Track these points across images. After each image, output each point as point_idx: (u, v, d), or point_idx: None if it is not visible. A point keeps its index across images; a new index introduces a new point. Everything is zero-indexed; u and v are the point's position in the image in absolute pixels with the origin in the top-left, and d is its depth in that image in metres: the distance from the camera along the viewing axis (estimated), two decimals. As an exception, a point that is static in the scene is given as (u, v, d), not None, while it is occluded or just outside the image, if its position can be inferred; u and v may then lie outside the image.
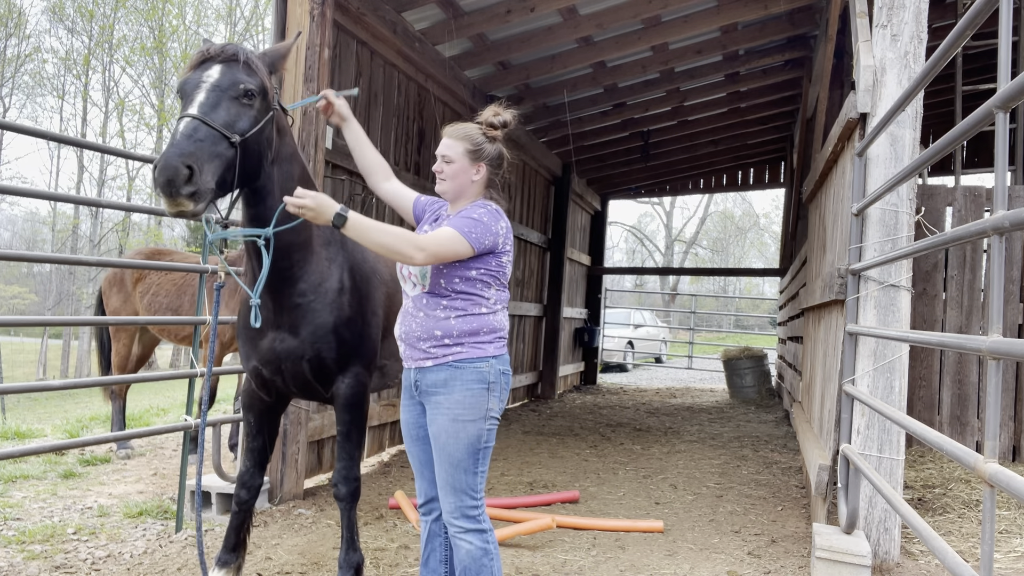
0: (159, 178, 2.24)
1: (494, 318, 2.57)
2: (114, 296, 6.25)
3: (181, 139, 2.33)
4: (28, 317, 3.82)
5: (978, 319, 5.35)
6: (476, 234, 2.45)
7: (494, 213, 2.54)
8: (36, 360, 24.36)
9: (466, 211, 2.51)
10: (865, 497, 3.51)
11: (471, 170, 2.60)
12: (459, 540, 2.52)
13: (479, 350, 2.51)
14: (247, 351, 3.02)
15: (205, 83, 2.49)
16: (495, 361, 2.53)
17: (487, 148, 2.63)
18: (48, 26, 30.26)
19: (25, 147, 41.75)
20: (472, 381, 2.48)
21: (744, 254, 40.63)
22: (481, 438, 2.50)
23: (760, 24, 7.64)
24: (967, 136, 2.11)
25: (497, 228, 2.51)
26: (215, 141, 2.40)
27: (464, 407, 2.48)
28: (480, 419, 2.49)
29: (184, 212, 2.31)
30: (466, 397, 2.48)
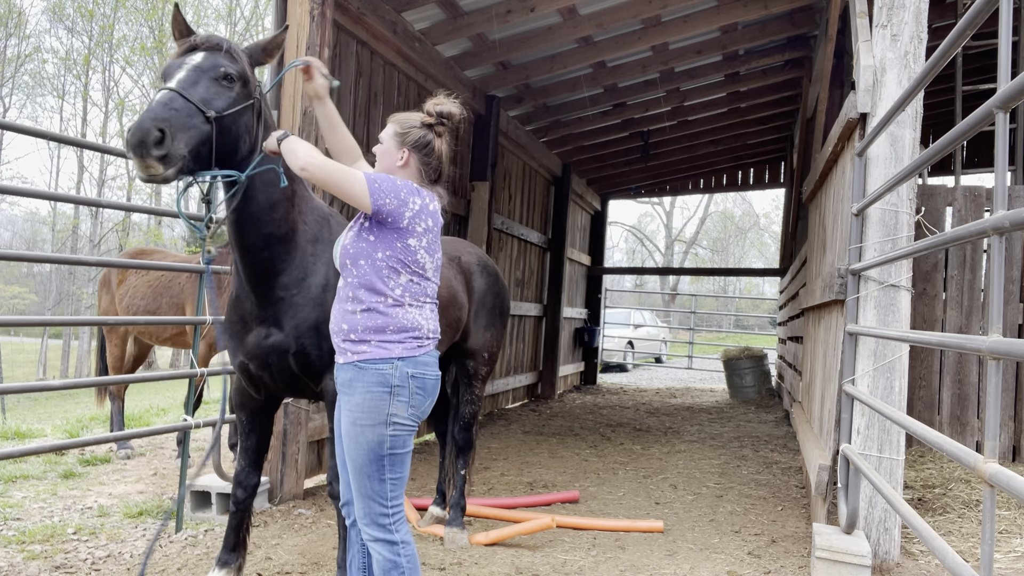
0: (131, 139, 2.30)
1: (404, 314, 2.41)
2: (104, 297, 6.27)
3: (156, 106, 2.40)
4: (28, 317, 3.82)
5: (978, 319, 5.35)
6: (379, 184, 2.34)
7: (411, 186, 2.43)
8: (36, 360, 24.37)
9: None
10: (865, 497, 3.51)
11: (396, 154, 2.51)
12: (371, 547, 2.42)
13: (383, 350, 2.36)
14: (234, 346, 3.02)
15: (187, 64, 2.58)
16: (402, 364, 2.37)
17: (415, 134, 2.51)
18: (48, 26, 30.24)
19: (25, 147, 41.76)
20: (373, 384, 2.35)
21: (744, 254, 40.62)
22: (383, 444, 2.35)
23: (760, 24, 7.64)
24: (967, 136, 2.11)
25: (405, 197, 2.38)
26: (190, 113, 2.46)
27: (363, 411, 2.36)
28: (380, 424, 2.35)
29: (155, 176, 2.36)
30: (365, 400, 2.35)
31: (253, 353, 2.94)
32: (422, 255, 2.44)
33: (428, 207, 2.45)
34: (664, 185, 14.03)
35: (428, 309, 2.50)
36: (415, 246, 2.42)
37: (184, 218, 3.02)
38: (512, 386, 9.80)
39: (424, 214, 2.44)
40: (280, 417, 4.71)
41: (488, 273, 4.24)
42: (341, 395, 2.43)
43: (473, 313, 4.09)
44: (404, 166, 2.50)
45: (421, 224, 2.43)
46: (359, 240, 2.42)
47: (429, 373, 2.45)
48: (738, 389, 11.37)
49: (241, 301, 2.93)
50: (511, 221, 9.23)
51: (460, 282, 3.96)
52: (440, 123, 2.53)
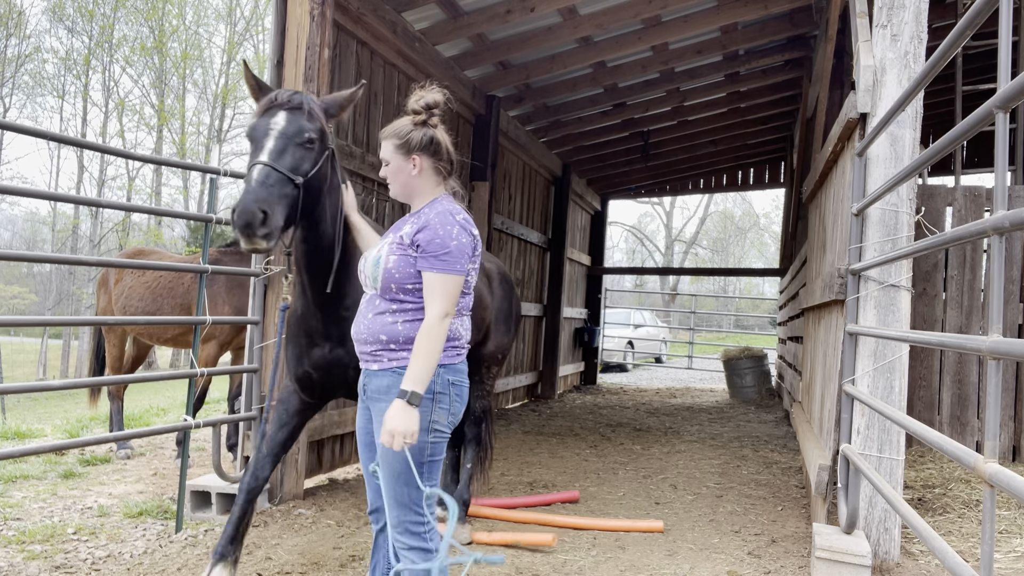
0: (238, 221, 2.52)
1: (453, 324, 2.41)
2: (102, 297, 6.26)
3: (256, 186, 2.59)
4: (28, 317, 3.82)
5: (978, 319, 5.35)
6: (460, 261, 2.32)
7: (461, 225, 2.36)
8: (36, 360, 24.37)
9: (437, 237, 2.32)
10: (865, 497, 3.51)
11: (407, 165, 2.43)
12: (403, 556, 2.39)
13: None
14: (298, 357, 3.21)
15: (273, 130, 2.72)
16: (443, 371, 2.36)
17: (415, 136, 2.42)
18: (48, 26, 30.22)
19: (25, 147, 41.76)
20: None
21: (744, 254, 40.63)
22: (424, 451, 2.34)
23: (760, 24, 7.64)
24: (967, 136, 2.11)
25: (468, 240, 2.36)
26: (283, 184, 2.66)
27: None
28: (423, 431, 2.31)
29: (258, 249, 2.62)
30: None
31: (318, 365, 3.15)
32: (472, 275, 2.46)
33: (474, 232, 2.43)
34: (664, 185, 14.04)
35: (467, 319, 2.51)
36: (469, 268, 2.42)
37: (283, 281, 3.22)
38: (512, 386, 9.80)
39: (478, 239, 2.44)
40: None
41: (506, 280, 4.58)
42: (376, 403, 2.39)
43: (494, 317, 4.36)
44: (420, 173, 2.44)
45: (479, 248, 2.46)
46: (406, 265, 2.36)
47: (464, 381, 2.47)
48: (738, 389, 11.37)
49: (307, 318, 3.13)
50: (511, 221, 9.23)
51: (484, 285, 4.24)
52: (431, 115, 2.45)
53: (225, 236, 18.55)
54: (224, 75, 27.39)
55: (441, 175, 2.48)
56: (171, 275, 5.85)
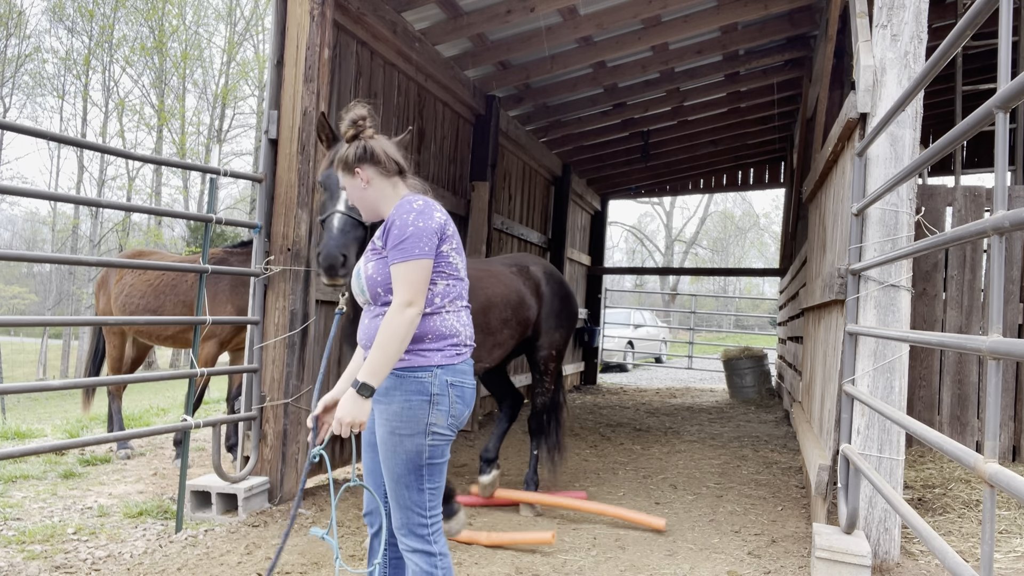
0: (323, 264, 3.10)
1: (442, 321, 2.38)
2: (101, 298, 6.26)
3: (337, 233, 3.14)
4: (28, 317, 3.82)
5: (978, 319, 5.35)
6: (420, 246, 2.30)
7: (419, 211, 2.35)
8: (36, 360, 24.38)
9: (394, 228, 2.33)
10: (865, 497, 3.51)
11: (356, 182, 2.47)
12: (407, 557, 2.39)
13: (422, 358, 2.33)
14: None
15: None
16: (441, 372, 2.33)
17: (350, 153, 2.45)
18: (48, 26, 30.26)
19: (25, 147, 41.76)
20: (412, 392, 2.31)
21: (744, 254, 40.63)
22: (422, 454, 2.31)
23: (760, 24, 7.64)
24: (967, 136, 2.11)
25: (433, 223, 2.34)
26: (355, 228, 3.18)
27: (401, 420, 2.31)
28: (419, 434, 2.31)
29: (337, 284, 3.14)
30: (404, 409, 2.31)
31: None
32: (454, 257, 2.43)
33: (437, 213, 2.40)
34: (664, 185, 14.04)
35: (465, 314, 2.46)
36: (447, 251, 2.40)
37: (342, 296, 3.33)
38: (522, 384, 9.77)
39: (446, 219, 2.41)
40: (280, 417, 4.71)
41: (554, 280, 4.98)
42: (378, 404, 2.37)
43: (544, 315, 4.83)
44: (368, 183, 2.47)
45: (448, 229, 2.42)
46: (383, 267, 2.38)
47: (467, 382, 2.41)
48: (738, 389, 11.37)
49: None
50: (511, 221, 9.22)
51: (528, 287, 4.73)
52: (359, 128, 2.47)
53: (225, 236, 18.53)
54: (224, 75, 27.40)
55: (389, 177, 2.48)
56: (174, 273, 5.85)
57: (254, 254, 4.76)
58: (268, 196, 4.79)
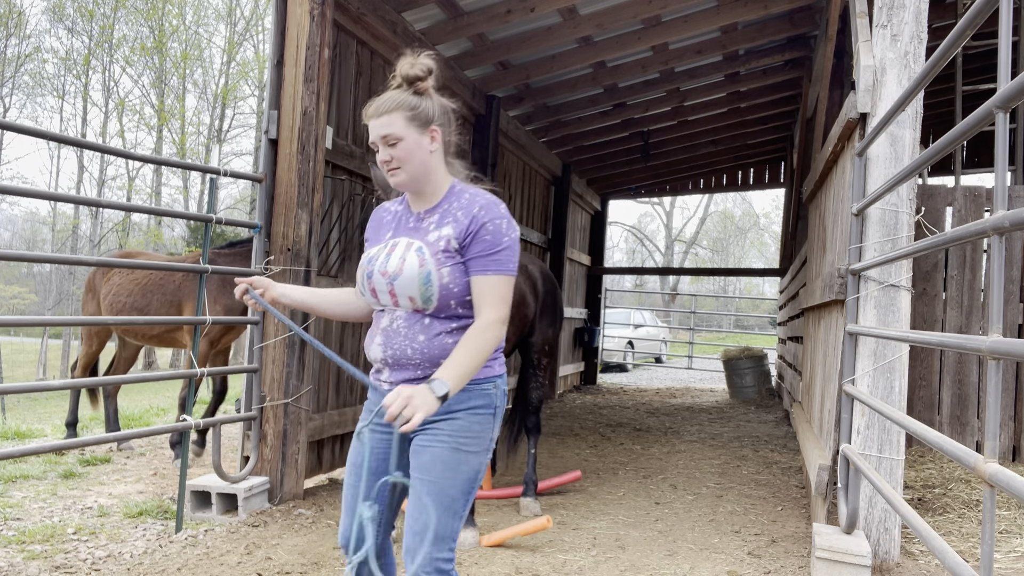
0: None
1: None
2: (88, 300, 6.27)
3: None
4: (28, 317, 3.82)
5: (978, 319, 5.35)
6: (514, 260, 2.07)
7: (510, 218, 2.11)
8: (36, 360, 24.37)
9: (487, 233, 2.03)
10: (865, 497, 3.51)
11: (424, 141, 2.07)
12: None
13: (488, 368, 2.10)
14: None
15: None
16: (501, 381, 2.15)
17: (428, 107, 2.08)
18: (48, 26, 30.26)
19: (25, 147, 41.77)
20: (479, 406, 2.07)
21: (744, 254, 40.63)
22: (480, 472, 2.10)
23: (760, 24, 7.64)
24: (967, 136, 2.11)
25: (517, 234, 2.12)
26: None
27: (470, 435, 2.05)
28: (483, 451, 2.09)
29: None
30: (472, 424, 2.06)
31: None
32: None
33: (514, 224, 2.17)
34: (664, 185, 14.04)
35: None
36: None
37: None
38: (512, 386, 9.78)
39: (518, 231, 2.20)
40: (280, 417, 4.72)
41: (549, 280, 5.07)
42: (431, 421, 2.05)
43: (539, 313, 4.89)
44: (437, 149, 2.12)
45: None
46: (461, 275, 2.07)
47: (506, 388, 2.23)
48: (738, 389, 11.37)
49: None
50: (511, 221, 9.22)
51: (528, 286, 4.75)
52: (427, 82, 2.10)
53: (225, 236, 18.53)
54: (224, 75, 27.41)
55: (449, 151, 2.18)
56: (160, 272, 5.86)
57: (254, 254, 4.76)
58: (268, 196, 4.79)
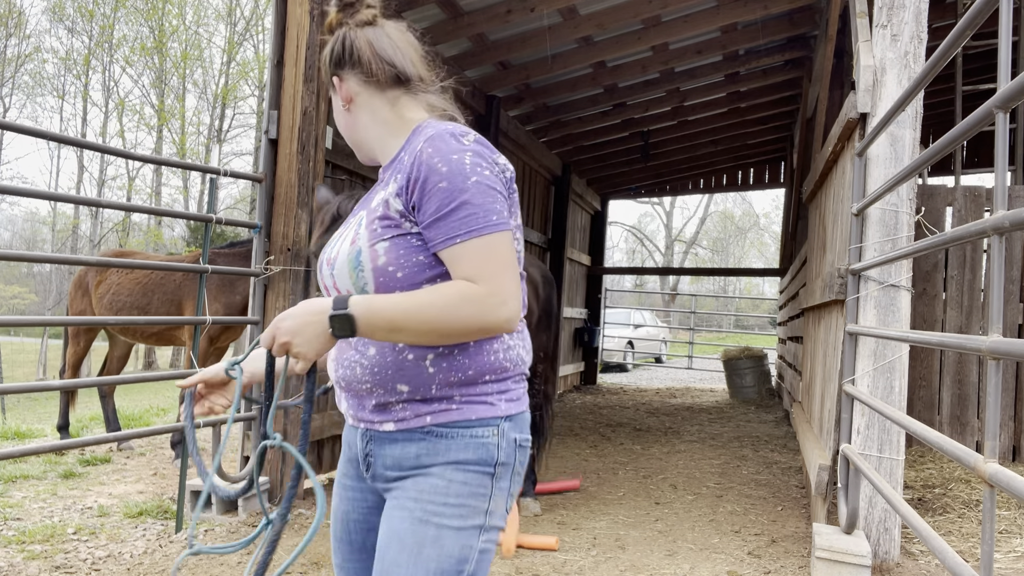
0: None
1: (506, 348, 1.45)
2: (78, 299, 6.27)
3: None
4: (28, 317, 3.82)
5: (978, 319, 5.35)
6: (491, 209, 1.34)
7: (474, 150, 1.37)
8: (36, 360, 24.36)
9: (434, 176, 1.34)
10: (865, 497, 3.51)
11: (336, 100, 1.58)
12: None
13: (484, 406, 1.41)
14: None
15: None
16: (509, 424, 1.43)
17: (324, 56, 1.57)
18: (48, 26, 30.28)
19: (25, 147, 41.78)
20: (468, 461, 1.39)
21: (744, 254, 40.64)
22: (466, 562, 1.37)
23: (760, 24, 7.64)
24: (967, 136, 2.11)
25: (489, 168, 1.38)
26: None
27: (448, 501, 1.37)
28: (472, 529, 1.38)
29: None
30: (453, 484, 1.38)
31: None
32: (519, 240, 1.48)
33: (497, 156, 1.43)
34: (664, 185, 14.04)
35: (525, 331, 1.54)
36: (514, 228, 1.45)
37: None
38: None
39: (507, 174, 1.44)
40: (280, 417, 4.71)
41: (549, 283, 4.98)
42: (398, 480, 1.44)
43: (537, 318, 4.75)
44: (351, 103, 1.55)
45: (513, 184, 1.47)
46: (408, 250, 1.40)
47: (528, 436, 1.50)
48: (738, 389, 11.37)
49: None
50: (511, 221, 9.23)
51: (530, 289, 4.64)
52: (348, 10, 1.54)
53: (225, 236, 18.53)
54: (224, 75, 27.40)
55: (383, 91, 1.53)
56: (161, 271, 5.88)
57: (254, 254, 4.76)
58: (268, 196, 4.79)
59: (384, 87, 1.54)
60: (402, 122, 1.55)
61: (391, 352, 1.41)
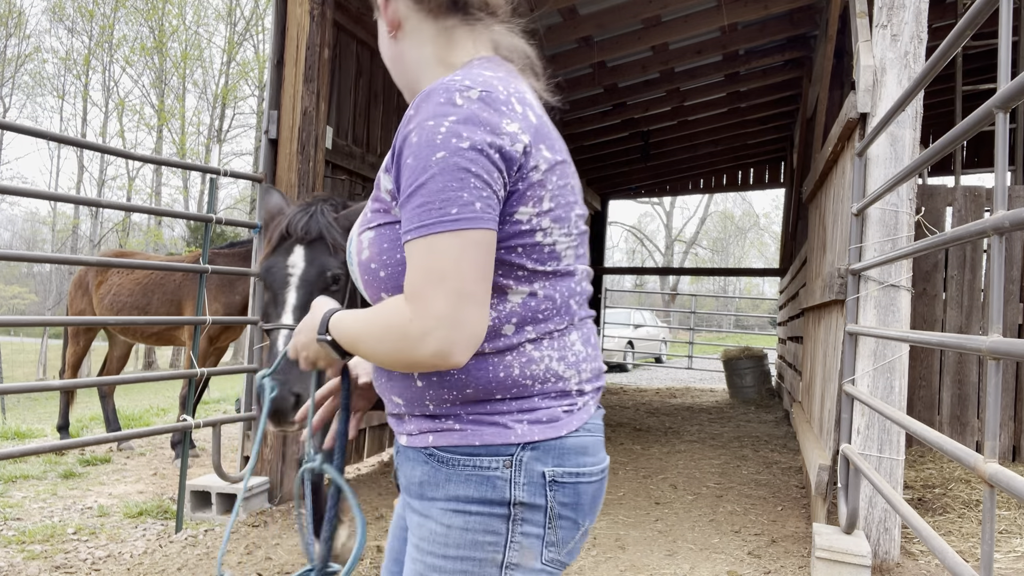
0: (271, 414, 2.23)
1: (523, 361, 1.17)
2: (78, 298, 6.27)
3: (285, 364, 2.12)
4: (28, 317, 3.82)
5: (978, 319, 5.35)
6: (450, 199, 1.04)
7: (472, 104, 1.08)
8: (36, 360, 24.36)
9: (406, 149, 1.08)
10: (865, 497, 3.51)
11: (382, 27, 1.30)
12: None
13: (491, 428, 1.16)
14: None
15: (292, 277, 2.43)
16: (532, 454, 1.15)
17: None
18: (48, 26, 30.30)
19: (25, 147, 41.80)
20: (470, 497, 1.15)
21: (744, 254, 40.64)
22: None
23: (760, 24, 7.64)
24: (967, 136, 2.11)
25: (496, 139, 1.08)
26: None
27: (445, 552, 1.16)
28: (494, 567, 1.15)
29: (286, 431, 2.32)
30: (450, 531, 1.15)
31: None
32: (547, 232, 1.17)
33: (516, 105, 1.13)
34: (664, 185, 14.04)
35: (575, 336, 1.24)
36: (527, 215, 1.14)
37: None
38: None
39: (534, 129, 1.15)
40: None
41: None
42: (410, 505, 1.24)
43: None
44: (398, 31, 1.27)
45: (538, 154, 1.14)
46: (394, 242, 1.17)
47: (589, 467, 1.23)
48: (738, 389, 11.37)
49: None
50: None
51: None
52: None
53: (225, 236, 18.53)
54: (224, 75, 27.41)
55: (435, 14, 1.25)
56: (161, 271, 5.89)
57: (254, 254, 4.76)
58: (268, 196, 4.79)
59: (436, 12, 1.23)
60: (443, 65, 1.24)
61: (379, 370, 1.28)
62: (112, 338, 6.50)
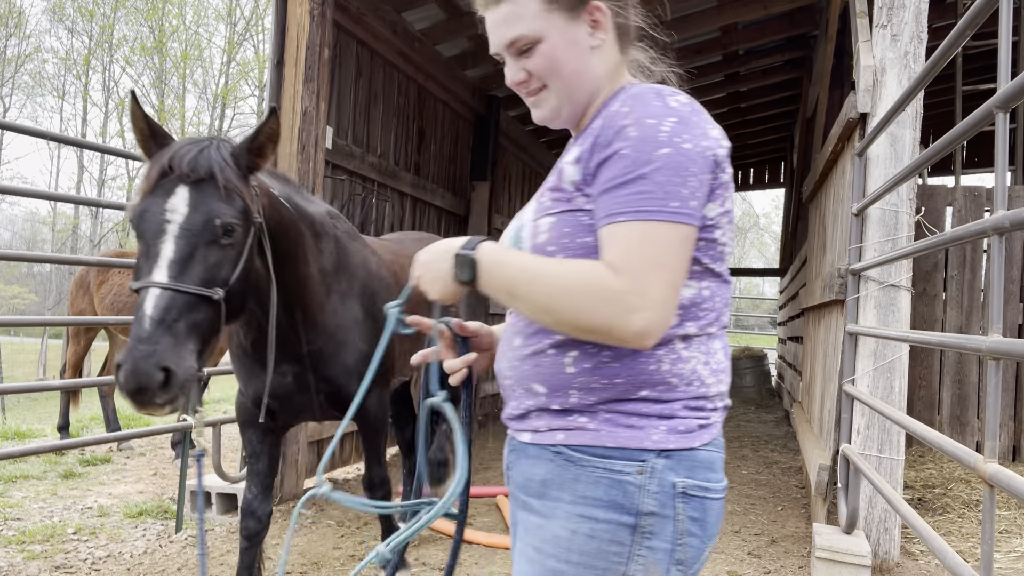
0: (126, 386, 1.79)
1: (675, 360, 1.17)
2: (79, 298, 6.27)
3: (151, 328, 1.81)
4: (28, 317, 3.82)
5: (978, 319, 5.35)
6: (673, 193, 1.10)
7: (681, 116, 1.15)
8: (36, 360, 24.36)
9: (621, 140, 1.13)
10: (865, 497, 3.51)
11: (578, 33, 1.24)
12: None
13: (627, 430, 1.15)
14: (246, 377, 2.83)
15: (170, 225, 1.96)
16: (666, 463, 1.14)
17: None
18: (48, 26, 30.31)
19: (25, 147, 41.82)
20: (596, 500, 1.13)
21: (744, 254, 40.65)
22: None
23: (760, 24, 7.64)
24: (967, 136, 2.11)
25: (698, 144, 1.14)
26: (192, 308, 1.90)
27: (568, 557, 1.14)
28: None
29: (154, 414, 1.91)
30: (575, 537, 1.14)
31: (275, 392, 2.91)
32: (723, 230, 1.22)
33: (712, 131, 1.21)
34: (664, 185, 14.05)
35: (719, 343, 1.25)
36: (716, 216, 1.19)
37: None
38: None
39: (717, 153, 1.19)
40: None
41: None
42: (526, 507, 1.24)
43: None
44: (599, 41, 1.27)
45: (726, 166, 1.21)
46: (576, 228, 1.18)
47: (715, 483, 1.19)
48: (738, 389, 11.37)
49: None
50: (510, 220, 9.22)
51: None
52: None
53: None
54: (224, 75, 27.41)
55: (621, 43, 1.31)
56: None
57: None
58: (268, 196, 4.79)
59: (620, 31, 1.30)
60: (612, 83, 1.29)
61: (534, 343, 1.22)
62: (113, 338, 6.50)
